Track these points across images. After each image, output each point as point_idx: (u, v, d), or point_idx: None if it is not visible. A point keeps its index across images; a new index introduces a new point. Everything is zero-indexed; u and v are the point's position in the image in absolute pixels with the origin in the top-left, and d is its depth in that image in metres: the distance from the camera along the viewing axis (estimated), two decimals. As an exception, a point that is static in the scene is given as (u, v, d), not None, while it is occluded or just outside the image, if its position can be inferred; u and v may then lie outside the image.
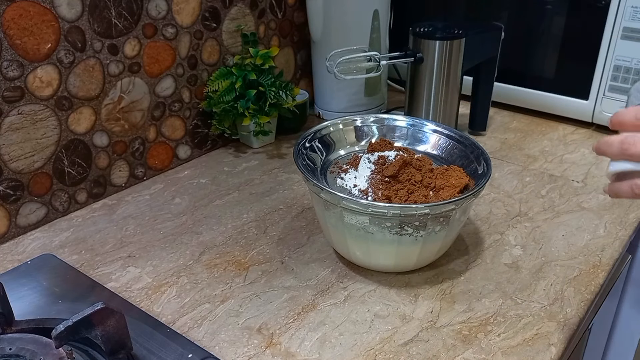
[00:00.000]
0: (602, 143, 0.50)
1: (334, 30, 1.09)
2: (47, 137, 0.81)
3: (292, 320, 0.66)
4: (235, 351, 0.62)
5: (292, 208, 0.88)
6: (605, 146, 0.49)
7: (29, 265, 0.74)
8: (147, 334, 0.62)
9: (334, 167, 0.78)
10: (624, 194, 0.50)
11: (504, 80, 1.17)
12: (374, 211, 0.64)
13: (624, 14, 1.00)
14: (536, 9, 1.10)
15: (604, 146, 0.50)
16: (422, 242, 0.68)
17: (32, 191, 0.81)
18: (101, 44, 0.84)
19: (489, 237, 0.81)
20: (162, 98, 0.95)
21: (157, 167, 0.98)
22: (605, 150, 0.50)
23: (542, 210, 0.87)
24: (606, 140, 0.49)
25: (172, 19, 0.92)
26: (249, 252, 0.78)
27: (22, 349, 0.55)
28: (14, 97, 0.76)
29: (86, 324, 0.52)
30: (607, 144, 0.49)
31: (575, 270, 0.74)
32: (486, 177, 0.68)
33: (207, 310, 0.68)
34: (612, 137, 0.49)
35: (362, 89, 1.15)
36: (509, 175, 0.97)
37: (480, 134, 1.12)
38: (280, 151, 1.07)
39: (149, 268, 0.75)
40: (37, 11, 0.75)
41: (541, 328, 0.64)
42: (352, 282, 0.72)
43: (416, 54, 1.01)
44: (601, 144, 0.50)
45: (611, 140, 0.49)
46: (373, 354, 0.61)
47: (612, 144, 0.49)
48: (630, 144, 0.47)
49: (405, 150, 0.78)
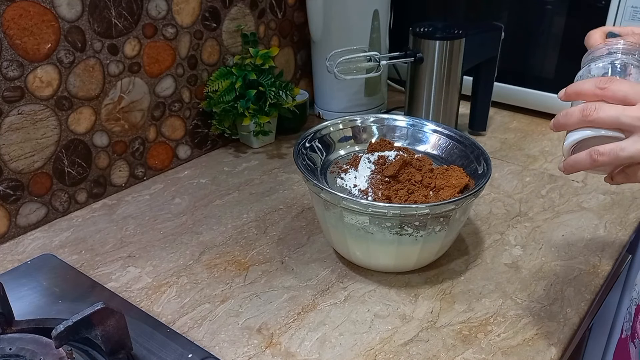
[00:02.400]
0: (562, 116, 0.49)
1: (334, 30, 1.09)
2: (47, 137, 0.81)
3: (292, 320, 0.66)
4: (235, 351, 0.62)
5: (292, 208, 0.88)
6: (565, 118, 0.49)
7: (29, 265, 0.74)
8: (147, 334, 0.62)
9: (334, 167, 0.78)
10: (582, 164, 0.49)
11: (504, 80, 1.17)
12: (374, 211, 0.64)
13: (624, 14, 1.00)
14: (536, 9, 1.10)
15: (564, 118, 0.49)
16: (422, 242, 0.68)
17: (32, 191, 0.81)
18: (101, 44, 0.84)
19: (489, 237, 0.81)
20: (162, 98, 0.95)
21: (157, 167, 0.98)
22: (564, 123, 0.49)
23: (542, 210, 0.87)
24: (566, 112, 0.49)
25: (172, 19, 0.92)
26: (249, 252, 0.78)
27: (22, 349, 0.55)
28: (14, 97, 0.76)
29: (86, 324, 0.52)
30: (567, 115, 0.48)
31: (575, 270, 0.74)
32: (486, 177, 0.68)
33: (207, 310, 0.68)
34: (572, 108, 0.48)
35: (362, 89, 1.15)
36: (509, 175, 0.97)
37: (480, 134, 1.12)
38: (280, 151, 1.07)
39: (149, 268, 0.75)
40: (37, 11, 0.75)
41: (541, 328, 0.64)
42: (352, 282, 0.72)
43: (416, 54, 1.01)
44: (560, 117, 0.49)
45: (571, 110, 0.48)
46: (373, 354, 0.61)
47: (572, 113, 0.48)
48: (591, 110, 0.47)
49: (405, 150, 0.78)
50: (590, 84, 0.48)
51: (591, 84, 0.48)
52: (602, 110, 0.46)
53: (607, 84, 0.47)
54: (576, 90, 0.50)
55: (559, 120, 0.50)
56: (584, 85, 0.49)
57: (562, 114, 0.49)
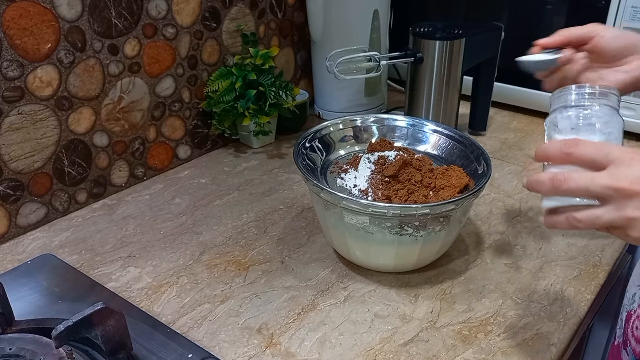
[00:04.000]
0: (533, 182, 0.49)
1: (334, 30, 1.09)
2: (47, 137, 0.81)
3: (292, 320, 0.66)
4: (235, 351, 0.62)
5: (292, 208, 0.88)
6: (537, 185, 0.49)
7: (29, 265, 0.74)
8: (147, 334, 0.62)
9: (334, 167, 0.78)
10: (561, 226, 0.49)
11: (504, 80, 1.16)
12: (374, 211, 0.64)
13: (624, 14, 1.00)
14: (536, 9, 1.10)
15: (536, 185, 0.49)
16: (422, 242, 0.68)
17: (32, 191, 0.81)
18: (101, 44, 0.84)
19: (489, 237, 0.81)
20: (162, 98, 0.95)
21: (157, 167, 0.98)
22: (538, 190, 0.49)
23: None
24: (537, 180, 0.49)
25: (172, 19, 0.92)
26: (249, 252, 0.78)
27: (22, 349, 0.55)
28: (14, 97, 0.76)
29: (86, 324, 0.52)
30: (538, 183, 0.49)
31: (575, 270, 0.74)
32: (486, 177, 0.68)
33: (207, 310, 0.68)
34: (542, 175, 0.48)
35: (362, 89, 1.15)
36: (509, 175, 0.97)
37: (480, 134, 1.12)
38: (280, 151, 1.07)
39: (149, 268, 0.75)
40: (37, 11, 0.75)
41: (541, 328, 0.64)
42: (352, 282, 0.72)
43: (416, 54, 1.01)
44: (532, 184, 0.49)
45: (541, 178, 0.48)
46: (373, 354, 0.61)
47: (543, 182, 0.48)
48: (561, 181, 0.47)
49: (405, 150, 0.78)
50: (556, 148, 0.48)
51: (557, 148, 0.48)
52: (572, 181, 0.46)
53: (572, 148, 0.47)
54: (544, 154, 0.50)
55: (532, 185, 0.50)
56: (551, 149, 0.49)
57: (534, 180, 0.49)
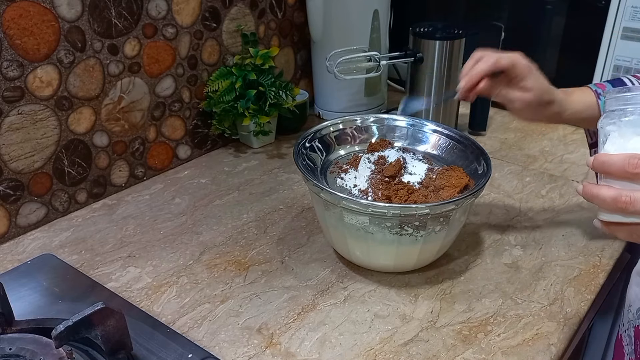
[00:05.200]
0: (592, 196, 0.48)
1: (334, 30, 1.09)
2: (47, 137, 0.81)
3: (292, 320, 0.66)
4: (235, 351, 0.62)
5: (292, 208, 0.88)
6: (596, 200, 0.48)
7: (29, 265, 0.74)
8: (147, 334, 0.62)
9: (334, 167, 0.78)
10: (622, 237, 0.49)
11: (504, 80, 1.16)
12: (374, 211, 0.64)
13: (624, 14, 1.00)
14: (536, 9, 1.10)
15: (595, 200, 0.48)
16: (422, 242, 0.68)
17: (32, 191, 0.81)
18: (101, 44, 0.84)
19: (489, 237, 0.81)
20: (162, 98, 0.95)
21: (157, 167, 0.98)
22: (596, 204, 0.48)
23: (542, 210, 0.87)
24: (597, 195, 0.47)
25: (172, 19, 0.92)
26: (249, 252, 0.78)
27: (22, 349, 0.55)
28: (14, 97, 0.76)
29: (86, 324, 0.52)
30: (599, 199, 0.47)
31: (575, 270, 0.74)
32: (486, 177, 0.68)
33: (207, 310, 0.68)
34: (603, 191, 0.47)
35: (362, 89, 1.15)
36: (509, 175, 0.97)
37: (480, 134, 1.12)
38: (280, 151, 1.07)
39: (149, 268, 0.75)
40: (37, 11, 0.75)
41: (541, 328, 0.64)
42: (352, 282, 0.72)
43: (416, 54, 1.01)
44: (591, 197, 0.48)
45: (602, 195, 0.47)
46: (373, 354, 0.61)
47: (604, 199, 0.47)
48: (627, 203, 0.45)
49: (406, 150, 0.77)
50: (619, 164, 0.46)
51: (620, 164, 0.46)
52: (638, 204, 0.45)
53: (638, 169, 0.45)
54: (604, 167, 0.48)
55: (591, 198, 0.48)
56: (613, 163, 0.47)
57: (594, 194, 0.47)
